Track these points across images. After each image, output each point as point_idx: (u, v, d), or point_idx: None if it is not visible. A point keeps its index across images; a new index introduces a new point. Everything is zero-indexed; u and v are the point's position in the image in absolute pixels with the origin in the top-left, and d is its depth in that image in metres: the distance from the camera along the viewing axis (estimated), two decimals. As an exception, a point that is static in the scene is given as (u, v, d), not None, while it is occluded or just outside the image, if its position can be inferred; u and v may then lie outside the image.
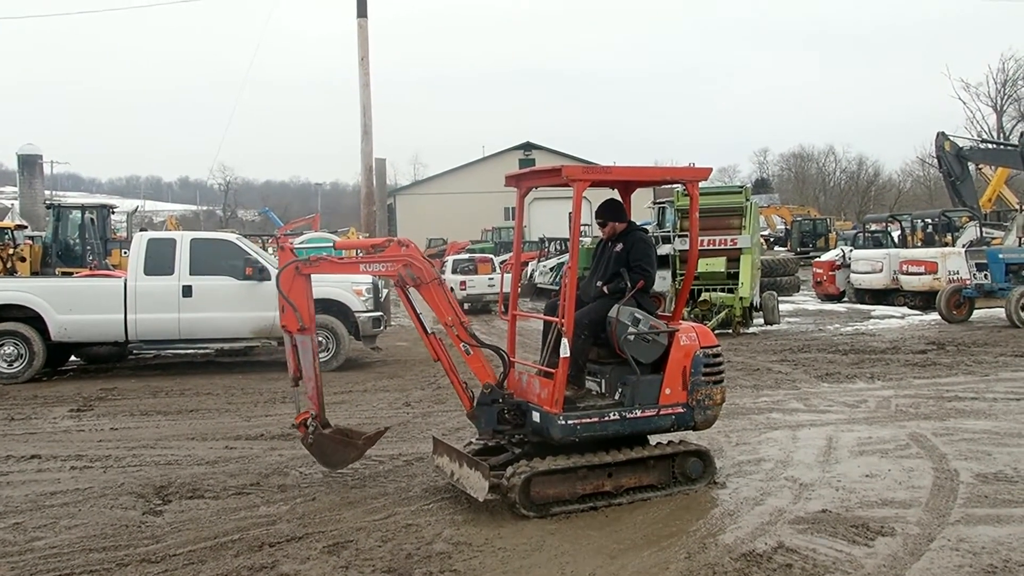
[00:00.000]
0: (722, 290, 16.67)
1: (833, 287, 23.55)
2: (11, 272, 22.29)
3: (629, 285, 6.43)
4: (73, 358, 14.38)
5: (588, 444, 6.19)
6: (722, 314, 16.23)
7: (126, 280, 12.84)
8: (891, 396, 10.08)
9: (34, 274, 23.09)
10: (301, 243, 27.69)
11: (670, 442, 6.61)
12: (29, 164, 53.42)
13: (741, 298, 16.27)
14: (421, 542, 5.53)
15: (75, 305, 12.61)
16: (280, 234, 43.85)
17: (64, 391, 11.78)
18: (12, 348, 12.45)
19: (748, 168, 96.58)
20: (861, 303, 22.23)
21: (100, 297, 12.74)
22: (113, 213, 30.82)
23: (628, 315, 6.32)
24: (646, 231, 7.06)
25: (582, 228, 33.12)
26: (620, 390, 6.36)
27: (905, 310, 20.58)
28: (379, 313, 13.67)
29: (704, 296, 16.60)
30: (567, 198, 6.86)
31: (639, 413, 6.26)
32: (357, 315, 13.35)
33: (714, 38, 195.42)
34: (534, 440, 6.42)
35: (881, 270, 21.60)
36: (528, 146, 61.98)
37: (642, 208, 40.67)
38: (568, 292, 6.10)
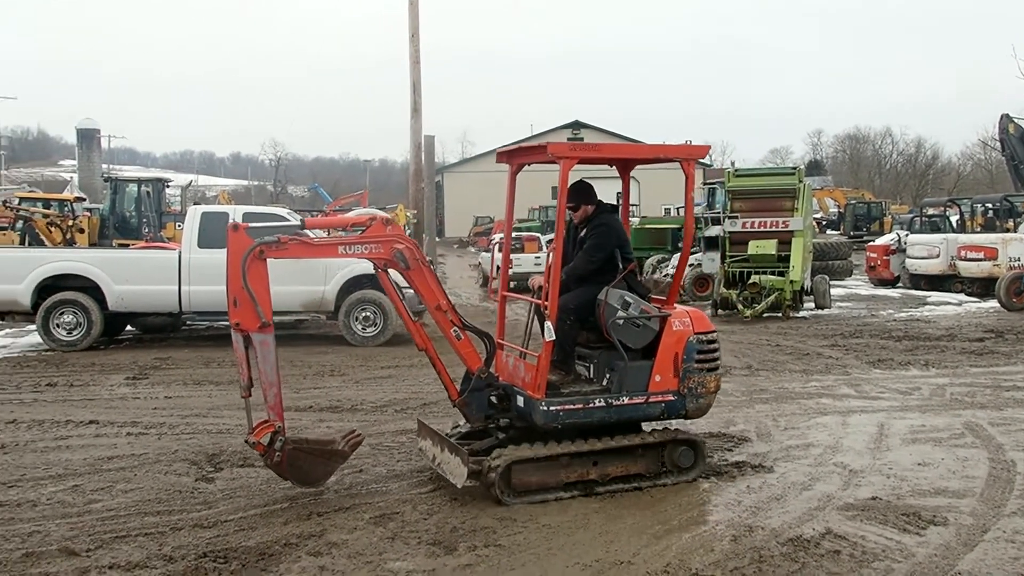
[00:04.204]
0: (772, 273, 16.43)
1: (887, 272, 23.07)
2: (70, 243, 22.85)
3: (622, 267, 6.27)
4: (129, 328, 14.73)
5: (576, 431, 6.00)
6: (772, 297, 16.02)
7: (180, 252, 13.08)
8: (946, 384, 9.86)
9: (92, 245, 23.63)
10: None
11: (661, 429, 6.40)
12: (87, 138, 54.61)
13: (792, 281, 16.03)
14: (466, 516, 5.57)
15: (131, 276, 12.90)
16: (329, 210, 44.33)
17: (120, 359, 12.07)
18: (71, 317, 12.79)
19: (801, 149, 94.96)
20: (916, 289, 21.75)
21: (155, 269, 13.02)
22: (168, 187, 31.43)
23: (618, 298, 6.10)
24: (615, 210, 6.73)
25: (630, 208, 32.84)
26: (608, 376, 6.15)
27: (962, 297, 20.09)
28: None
29: (754, 279, 16.40)
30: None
31: (627, 400, 6.05)
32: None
33: (769, 16, 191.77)
34: (519, 425, 6.24)
35: (938, 255, 21.08)
36: (577, 124, 61.61)
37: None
38: (552, 274, 5.90)
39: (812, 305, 16.96)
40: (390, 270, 6.14)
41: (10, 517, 5.59)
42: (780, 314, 16.10)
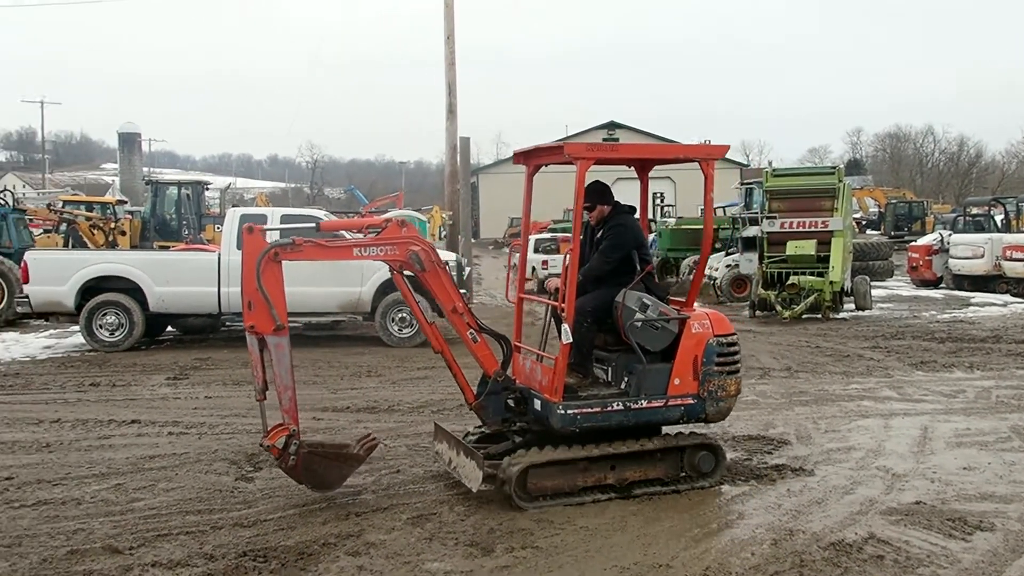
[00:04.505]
0: (812, 274, 16.22)
1: (929, 272, 22.66)
2: (112, 245, 23.21)
3: (638, 268, 6.18)
4: (169, 329, 14.94)
5: (594, 434, 5.92)
6: (811, 298, 15.82)
7: (219, 254, 13.24)
8: (991, 387, 9.66)
9: (133, 247, 24.00)
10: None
11: (679, 434, 6.27)
12: (128, 142, 55.42)
13: (831, 282, 15.81)
14: (503, 517, 5.56)
15: (172, 278, 13.09)
16: (365, 211, 44.66)
17: (161, 360, 12.25)
18: (114, 318, 13.00)
19: (840, 148, 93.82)
20: (959, 290, 21.32)
21: (195, 270, 13.19)
22: (207, 189, 31.83)
23: (635, 300, 6.01)
24: (632, 211, 6.60)
25: (667, 208, 32.63)
26: (626, 379, 6.07)
27: (1007, 298, 19.64)
28: (462, 290, 13.75)
29: (793, 279, 16.19)
30: (652, 178, 6.68)
31: (645, 404, 5.95)
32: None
33: (809, 12, 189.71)
34: (536, 429, 6.19)
35: (982, 255, 20.65)
36: (612, 125, 61.32)
37: (728, 188, 39.85)
38: (569, 276, 5.82)
39: (852, 306, 16.72)
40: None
41: (55, 515, 5.70)
42: (819, 315, 15.89)
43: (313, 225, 6.17)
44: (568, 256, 5.91)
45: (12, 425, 8.25)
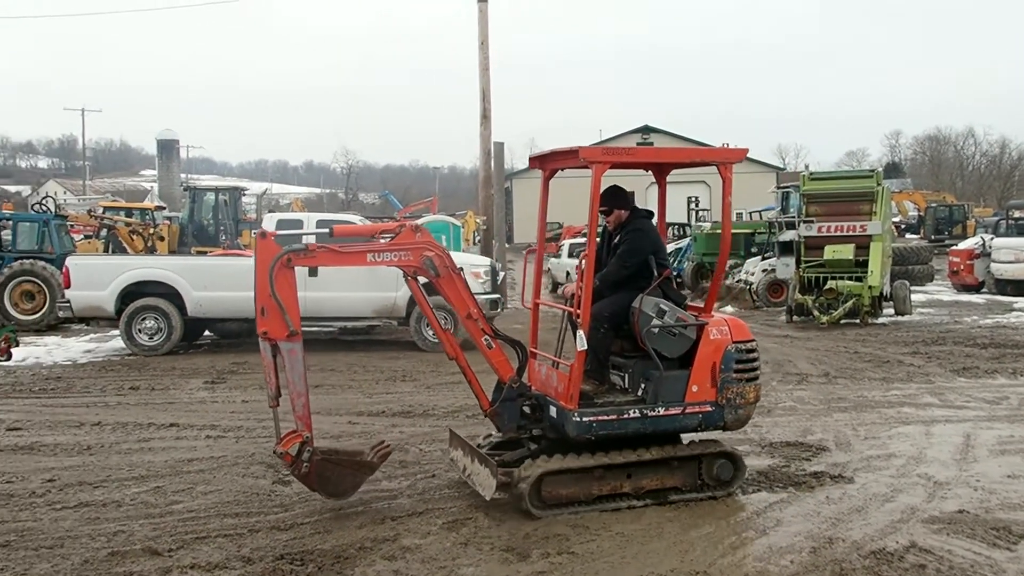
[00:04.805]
0: (850, 278, 16.01)
1: (971, 277, 22.27)
2: (151, 251, 23.56)
3: (656, 273, 6.08)
4: (207, 333, 15.12)
5: (610, 442, 5.84)
6: (849, 303, 15.59)
7: (256, 259, 13.35)
8: (1036, 393, 9.46)
9: (172, 253, 24.35)
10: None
11: (698, 442, 6.19)
12: (167, 148, 56.40)
13: (870, 287, 15.59)
14: (539, 523, 5.54)
15: (209, 283, 13.23)
16: (400, 216, 44.86)
17: (199, 364, 12.40)
18: (153, 322, 13.18)
19: (878, 151, 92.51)
20: (1002, 294, 20.92)
21: (232, 275, 13.31)
22: (244, 195, 32.24)
23: (652, 306, 5.91)
24: (650, 214, 6.52)
25: (702, 213, 32.43)
26: (643, 386, 5.96)
27: (1052, 303, 19.26)
28: (496, 296, 13.78)
29: (831, 284, 15.98)
30: (687, 182, 6.61)
31: (662, 411, 5.84)
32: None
33: (842, 11, 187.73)
34: (551, 436, 6.10)
35: (1026, 260, 20.26)
36: (646, 129, 60.90)
37: (765, 192, 39.49)
38: (585, 281, 5.75)
39: (891, 311, 16.49)
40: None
41: (96, 516, 5.79)
42: (858, 320, 15.66)
43: (327, 231, 6.15)
44: (584, 261, 5.86)
45: (54, 428, 8.40)
